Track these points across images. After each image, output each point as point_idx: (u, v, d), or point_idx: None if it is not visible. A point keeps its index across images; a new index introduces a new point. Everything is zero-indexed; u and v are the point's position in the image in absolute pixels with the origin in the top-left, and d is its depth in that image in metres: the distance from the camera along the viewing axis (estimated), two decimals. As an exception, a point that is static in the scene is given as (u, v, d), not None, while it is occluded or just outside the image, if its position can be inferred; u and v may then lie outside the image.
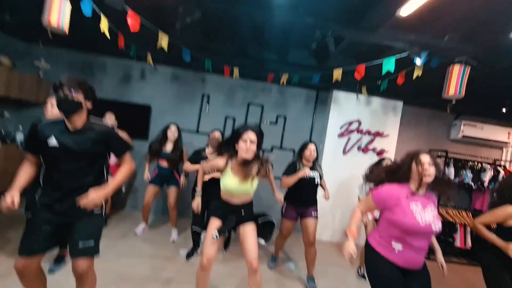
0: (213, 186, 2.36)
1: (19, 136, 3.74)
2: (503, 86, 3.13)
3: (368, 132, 4.21)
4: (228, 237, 3.03)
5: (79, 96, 1.47)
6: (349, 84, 3.70)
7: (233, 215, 1.88)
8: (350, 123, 4.20)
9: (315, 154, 2.62)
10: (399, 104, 4.24)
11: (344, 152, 4.21)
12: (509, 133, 4.33)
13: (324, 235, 4.16)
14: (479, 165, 4.18)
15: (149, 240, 3.20)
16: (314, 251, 2.61)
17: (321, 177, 2.71)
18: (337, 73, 2.89)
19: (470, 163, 4.21)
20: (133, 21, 2.26)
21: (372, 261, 1.64)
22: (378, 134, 4.21)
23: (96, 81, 4.14)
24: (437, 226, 1.52)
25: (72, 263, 1.49)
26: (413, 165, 1.59)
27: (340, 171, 4.14)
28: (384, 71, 2.49)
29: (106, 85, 4.14)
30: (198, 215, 2.60)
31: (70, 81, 1.46)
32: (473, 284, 3.10)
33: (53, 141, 1.46)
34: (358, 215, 1.70)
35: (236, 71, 3.52)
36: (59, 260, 2.35)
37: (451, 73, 2.17)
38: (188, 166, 2.87)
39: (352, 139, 4.22)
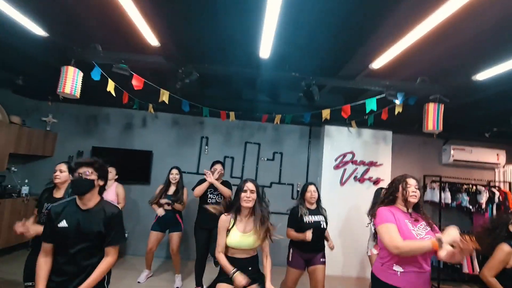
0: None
1: (25, 190, 3.85)
2: (482, 114, 3.37)
3: (363, 163, 4.36)
4: None
5: (92, 176, 1.53)
6: (340, 119, 3.93)
7: (242, 269, 1.83)
8: (344, 155, 4.37)
9: (316, 195, 2.61)
10: (389, 133, 4.45)
11: (341, 183, 4.32)
12: (497, 155, 4.49)
13: (328, 270, 4.10)
14: (474, 187, 4.28)
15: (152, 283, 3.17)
16: None
17: (326, 222, 2.62)
18: (326, 113, 3.13)
19: (465, 186, 4.31)
20: (137, 81, 2.52)
21: (374, 285, 1.69)
22: (372, 163, 4.36)
23: (100, 130, 4.38)
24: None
25: None
26: (400, 188, 1.72)
27: (339, 202, 4.21)
28: (367, 110, 2.72)
29: (110, 134, 4.37)
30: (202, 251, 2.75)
31: (85, 163, 1.55)
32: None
33: (63, 223, 1.48)
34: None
35: (232, 114, 3.77)
36: None
37: (427, 111, 2.39)
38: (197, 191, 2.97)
39: (348, 170, 4.36)
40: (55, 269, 1.49)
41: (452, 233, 1.55)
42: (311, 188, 2.59)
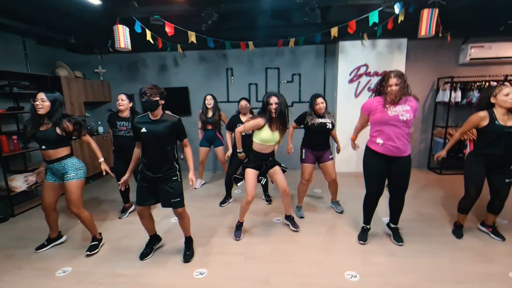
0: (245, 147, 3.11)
1: (100, 130, 4.97)
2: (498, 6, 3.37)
3: (376, 73, 4.69)
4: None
5: (157, 98, 2.11)
6: (353, 34, 4.14)
7: (264, 163, 2.63)
8: (358, 68, 4.71)
9: (324, 105, 3.06)
10: (404, 41, 4.57)
11: (356, 95, 4.79)
12: (518, 47, 4.46)
13: (343, 168, 4.98)
14: (487, 84, 4.48)
15: (206, 190, 4.34)
16: (336, 185, 3.30)
17: (332, 125, 3.06)
18: (334, 31, 3.45)
19: (478, 83, 4.53)
20: (169, 28, 3.06)
21: (365, 153, 2.46)
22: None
23: (141, 74, 5.13)
24: (404, 116, 2.17)
25: (173, 211, 2.35)
26: (383, 84, 2.23)
27: (354, 112, 4.74)
28: (370, 23, 3.02)
29: (149, 76, 5.11)
30: (233, 170, 3.49)
31: (151, 88, 2.10)
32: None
33: (143, 129, 2.12)
34: (357, 126, 2.57)
35: (250, 44, 4.19)
36: (123, 210, 3.35)
37: (421, 17, 2.65)
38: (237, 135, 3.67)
39: (362, 82, 4.76)
40: (147, 159, 2.18)
41: None
42: (319, 100, 3.02)
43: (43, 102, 2.25)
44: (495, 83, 4.45)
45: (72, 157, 2.47)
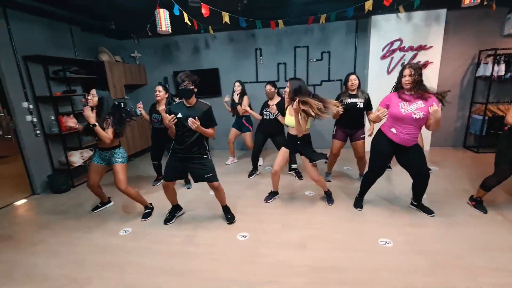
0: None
1: (138, 111, 5.31)
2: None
3: (411, 48, 4.52)
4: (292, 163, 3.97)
5: (191, 85, 2.33)
6: (388, 6, 3.99)
7: (292, 143, 2.75)
8: (392, 43, 4.55)
9: (357, 82, 3.17)
10: (443, 12, 4.32)
11: (388, 72, 4.67)
12: None
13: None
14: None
15: (237, 166, 4.58)
16: (364, 161, 3.44)
17: (366, 105, 3.15)
18: (368, 4, 3.37)
19: (525, 56, 4.22)
20: (205, 10, 3.17)
21: (376, 135, 2.56)
22: (421, 47, 4.48)
23: (174, 57, 5.34)
24: (417, 115, 2.25)
25: (209, 185, 2.53)
26: (399, 78, 2.34)
27: (386, 89, 4.64)
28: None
29: (182, 58, 5.31)
30: (257, 147, 3.78)
31: (187, 76, 2.31)
32: None
33: (179, 114, 2.36)
34: (376, 112, 2.55)
35: (280, 22, 4.19)
36: (156, 179, 3.87)
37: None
38: (247, 109, 3.86)
39: (395, 58, 4.61)
40: (179, 140, 2.44)
41: None
42: (352, 77, 3.15)
43: (93, 97, 2.60)
44: (546, 55, 4.13)
45: (120, 148, 2.82)
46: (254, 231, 2.52)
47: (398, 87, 2.41)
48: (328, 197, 3.01)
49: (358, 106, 3.14)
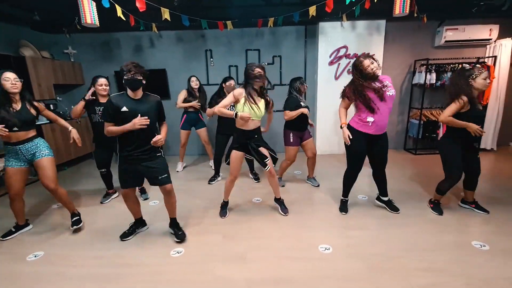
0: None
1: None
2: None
3: (356, 55, 4.71)
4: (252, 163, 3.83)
5: (140, 77, 2.03)
6: (332, 14, 4.11)
7: (250, 141, 2.52)
8: (338, 50, 4.71)
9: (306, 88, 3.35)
10: (382, 23, 4.60)
11: (336, 77, 4.82)
12: (490, 30, 4.61)
13: (324, 149, 5.08)
14: (459, 66, 4.63)
15: (188, 173, 4.31)
16: (315, 160, 3.47)
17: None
18: (312, 10, 3.41)
19: (451, 65, 4.67)
20: (140, 3, 2.90)
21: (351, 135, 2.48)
22: (364, 55, 4.70)
23: (115, 55, 4.90)
24: (390, 92, 2.31)
25: (160, 188, 2.29)
26: (366, 70, 2.30)
27: (334, 94, 4.76)
28: (347, 1, 3.00)
29: (124, 57, 4.89)
30: (220, 148, 3.56)
31: (135, 66, 2.01)
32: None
33: (124, 108, 2.02)
34: (342, 110, 2.57)
35: (229, 23, 4.07)
36: (106, 195, 3.26)
37: (396, -5, 2.65)
38: (208, 111, 3.62)
39: (341, 64, 4.78)
40: (128, 141, 2.09)
41: None
42: (305, 83, 3.34)
43: (17, 82, 2.24)
44: (467, 65, 4.60)
45: (40, 137, 2.42)
46: (191, 246, 2.29)
47: (360, 82, 2.34)
48: (282, 205, 2.82)
49: (309, 109, 3.25)
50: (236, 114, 2.39)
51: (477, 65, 2.70)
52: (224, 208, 2.84)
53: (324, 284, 1.81)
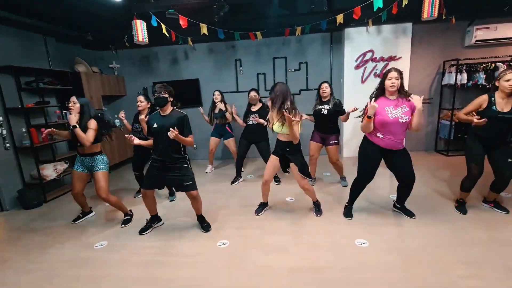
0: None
1: (117, 122, 5.22)
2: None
3: (382, 59, 4.79)
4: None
5: (165, 95, 2.37)
6: (359, 20, 4.23)
7: (282, 149, 2.65)
8: (364, 54, 4.81)
9: (328, 90, 3.34)
10: (409, 25, 4.65)
11: (362, 81, 4.91)
12: (525, 27, 4.49)
13: (350, 153, 5.13)
14: (493, 65, 4.53)
15: (215, 175, 4.57)
16: (339, 164, 3.58)
17: (336, 109, 3.27)
18: (339, 18, 3.57)
19: (484, 65, 4.58)
20: (182, 21, 3.23)
21: (363, 142, 2.59)
22: (391, 58, 4.77)
23: (154, 67, 5.34)
24: (403, 119, 2.31)
25: (186, 194, 2.53)
26: (385, 81, 2.37)
27: (361, 98, 4.87)
28: (375, 8, 3.13)
29: (162, 69, 5.32)
30: (241, 153, 3.83)
31: (160, 87, 2.36)
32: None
33: (155, 125, 2.39)
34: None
35: (258, 34, 4.33)
36: (138, 191, 3.69)
37: (423, 1, 2.75)
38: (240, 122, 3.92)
39: (368, 68, 4.87)
40: (156, 150, 2.43)
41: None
42: (324, 85, 3.35)
43: (74, 104, 2.65)
44: (501, 64, 4.51)
45: (102, 154, 2.83)
46: (235, 238, 2.50)
47: (378, 92, 2.43)
48: (317, 208, 2.90)
49: (322, 112, 3.31)
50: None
51: (509, 68, 2.72)
52: (261, 206, 3.02)
53: (361, 273, 1.93)
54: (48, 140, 3.74)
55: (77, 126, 2.54)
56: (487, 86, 4.61)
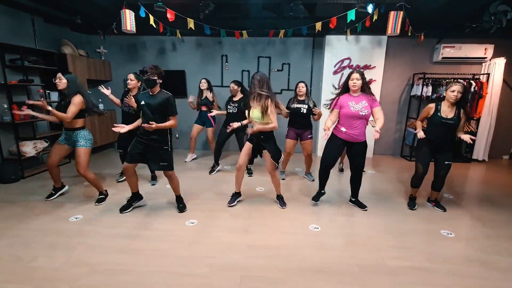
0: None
1: (101, 106, 5.30)
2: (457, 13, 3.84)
3: (358, 66, 5.14)
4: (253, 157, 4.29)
5: (155, 77, 2.52)
6: (338, 29, 4.56)
7: (257, 137, 2.84)
8: (342, 61, 5.15)
9: (304, 90, 3.62)
10: (384, 38, 5.02)
11: (339, 86, 5.24)
12: (485, 49, 4.97)
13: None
14: (453, 80, 4.99)
15: (195, 164, 4.79)
16: (311, 159, 3.92)
17: (311, 107, 3.58)
18: (318, 25, 3.87)
19: (447, 80, 5.04)
20: (170, 14, 3.42)
21: (329, 137, 2.90)
22: (366, 67, 5.13)
23: (141, 56, 5.45)
24: (363, 112, 2.68)
25: (164, 173, 2.78)
26: (349, 81, 2.74)
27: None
28: (348, 20, 3.45)
29: (149, 58, 5.44)
30: (220, 141, 4.05)
31: (151, 68, 2.50)
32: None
33: (142, 102, 2.56)
34: (330, 120, 2.86)
35: (244, 33, 4.56)
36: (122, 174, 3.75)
37: (388, 18, 3.08)
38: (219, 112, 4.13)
39: (345, 74, 5.20)
40: (139, 129, 2.65)
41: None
42: (300, 84, 3.62)
43: (60, 80, 2.77)
44: (461, 80, 4.97)
45: (84, 129, 2.92)
46: (203, 218, 2.75)
47: (343, 90, 2.82)
48: (281, 200, 3.10)
49: (301, 111, 3.59)
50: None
51: (455, 81, 3.12)
52: (234, 197, 3.15)
53: (308, 252, 2.23)
54: (30, 118, 3.82)
55: (50, 109, 2.65)
56: (449, 100, 5.07)
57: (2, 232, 2.40)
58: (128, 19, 3.14)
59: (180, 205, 2.92)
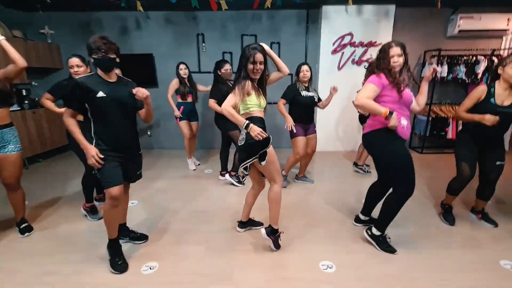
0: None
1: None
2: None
3: (361, 44, 4.32)
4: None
5: (113, 56, 1.66)
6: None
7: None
8: (343, 37, 4.30)
9: (309, 74, 2.87)
10: (392, 8, 4.18)
11: (339, 67, 4.42)
12: (508, 19, 4.22)
13: (328, 146, 4.72)
14: (473, 58, 4.25)
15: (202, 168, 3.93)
16: (310, 159, 3.22)
17: (318, 99, 3.01)
18: (316, -13, 2.97)
19: (465, 57, 4.29)
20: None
21: (381, 139, 1.93)
22: (371, 44, 4.31)
23: (98, 38, 4.43)
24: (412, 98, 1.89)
25: (124, 187, 1.79)
26: (385, 57, 1.83)
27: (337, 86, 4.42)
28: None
29: (108, 40, 4.43)
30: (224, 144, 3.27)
31: (105, 43, 1.62)
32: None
33: (100, 93, 1.64)
34: (372, 102, 1.82)
35: (223, 3, 3.62)
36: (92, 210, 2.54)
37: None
38: (214, 106, 3.02)
39: (345, 53, 4.38)
40: (109, 136, 1.71)
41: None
42: (304, 67, 2.88)
43: None
44: (482, 58, 4.24)
45: (14, 127, 2.15)
46: (167, 258, 1.93)
47: (380, 70, 1.84)
48: (274, 237, 2.01)
49: (315, 100, 2.97)
50: (247, 125, 1.77)
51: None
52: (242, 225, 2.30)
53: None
54: None
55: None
56: (467, 81, 4.35)
57: None
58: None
59: (138, 235, 2.11)
